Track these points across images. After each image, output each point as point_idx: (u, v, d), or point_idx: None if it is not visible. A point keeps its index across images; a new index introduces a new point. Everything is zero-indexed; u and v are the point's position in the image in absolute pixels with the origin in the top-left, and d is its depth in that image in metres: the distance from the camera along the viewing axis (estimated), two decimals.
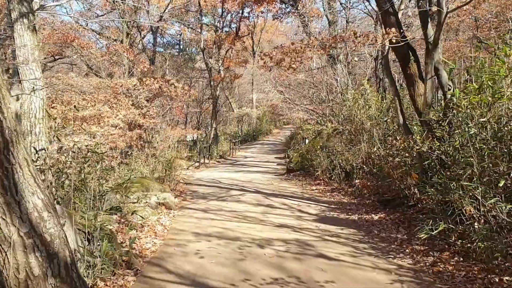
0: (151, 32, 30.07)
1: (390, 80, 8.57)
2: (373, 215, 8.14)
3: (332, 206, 9.31)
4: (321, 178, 12.53)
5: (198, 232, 6.86)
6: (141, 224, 7.18)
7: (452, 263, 5.32)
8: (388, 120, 11.83)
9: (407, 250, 5.96)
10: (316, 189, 11.57)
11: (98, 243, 4.93)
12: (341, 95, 17.27)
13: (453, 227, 5.54)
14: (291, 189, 11.68)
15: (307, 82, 20.00)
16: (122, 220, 7.27)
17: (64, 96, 11.80)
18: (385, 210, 8.38)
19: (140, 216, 6.81)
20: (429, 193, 6.16)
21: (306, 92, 19.03)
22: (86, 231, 5.01)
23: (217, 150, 25.41)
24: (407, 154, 7.41)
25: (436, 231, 5.55)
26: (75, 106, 8.41)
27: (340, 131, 14.20)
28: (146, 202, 8.14)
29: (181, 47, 41.03)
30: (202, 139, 28.93)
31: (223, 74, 25.95)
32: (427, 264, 5.39)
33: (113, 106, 12.47)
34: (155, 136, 15.61)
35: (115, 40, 24.37)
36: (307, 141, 20.40)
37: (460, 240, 5.60)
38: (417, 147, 7.18)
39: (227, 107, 38.30)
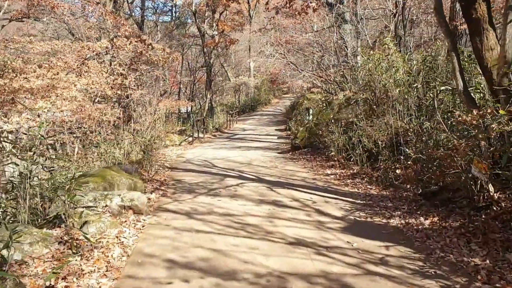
0: None
1: (444, 28, 5.98)
2: (421, 219, 5.74)
3: (359, 201, 6.91)
4: (335, 158, 10.10)
5: (174, 259, 4.45)
6: (91, 245, 4.79)
7: None
8: (419, 86, 9.33)
9: None
10: (331, 174, 9.16)
11: None
12: (354, 57, 14.66)
13: None
14: (300, 174, 9.27)
15: (311, 44, 17.26)
16: (66, 238, 4.88)
17: (17, 63, 9.19)
18: (436, 210, 5.97)
19: (84, 237, 4.40)
20: None
21: (310, 57, 16.32)
22: None
23: (212, 122, 22.91)
24: (480, 136, 4.93)
25: None
26: None
27: (355, 100, 11.70)
28: (106, 205, 5.72)
29: (174, 13, 37.92)
30: (196, 112, 26.39)
31: (217, 38, 23.07)
32: None
33: (80, 74, 9.91)
34: (137, 110, 13.09)
35: (98, 3, 21.38)
36: (311, 111, 17.99)
37: None
38: (498, 125, 4.71)
39: (223, 76, 35.48)
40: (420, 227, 5.50)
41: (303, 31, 17.86)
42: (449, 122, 6.63)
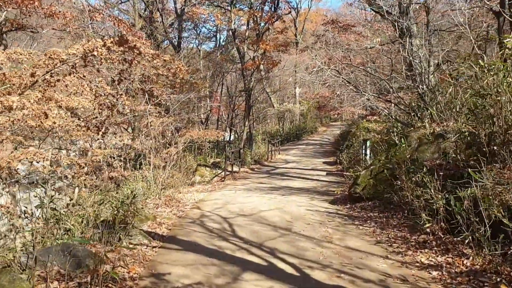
0: (176, 16, 24.42)
1: None
2: None
3: None
4: (429, 230, 5.95)
5: None
6: None
7: None
8: None
9: None
10: (430, 267, 4.98)
11: None
12: (427, 76, 10.56)
13: None
14: (375, 264, 5.17)
15: (366, 63, 13.28)
16: None
17: None
18: None
19: None
20: None
21: (376, 75, 12.23)
22: None
23: (251, 154, 19.20)
24: None
25: None
26: None
27: (446, 134, 7.60)
28: None
29: (218, 39, 35.40)
30: (235, 141, 22.92)
31: (258, 60, 19.59)
32: None
33: (44, 94, 6.57)
34: (146, 146, 9.66)
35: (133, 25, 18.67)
36: (368, 143, 13.92)
37: None
38: None
39: (266, 103, 32.00)
40: None
41: (359, 46, 13.95)
42: None
